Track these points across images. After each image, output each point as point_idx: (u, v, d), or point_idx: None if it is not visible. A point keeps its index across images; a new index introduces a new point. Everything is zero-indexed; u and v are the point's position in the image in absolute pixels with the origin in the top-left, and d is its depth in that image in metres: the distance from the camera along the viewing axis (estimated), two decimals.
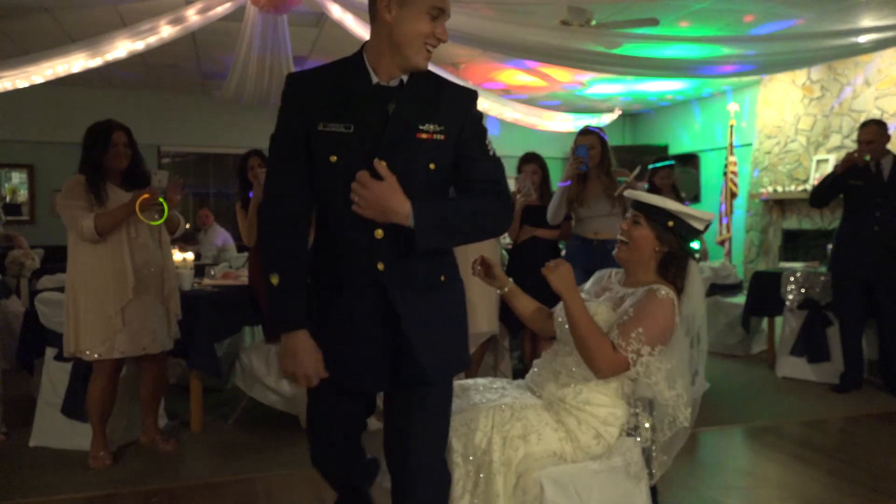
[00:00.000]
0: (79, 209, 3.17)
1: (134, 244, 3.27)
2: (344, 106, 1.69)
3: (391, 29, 1.66)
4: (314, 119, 1.69)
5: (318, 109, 1.69)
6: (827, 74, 6.97)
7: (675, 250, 2.11)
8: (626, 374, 2.02)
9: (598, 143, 4.03)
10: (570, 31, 5.07)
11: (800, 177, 7.22)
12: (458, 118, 1.77)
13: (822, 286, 4.97)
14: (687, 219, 2.10)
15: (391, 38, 1.67)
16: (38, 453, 3.53)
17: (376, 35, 1.71)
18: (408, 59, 1.68)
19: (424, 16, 1.66)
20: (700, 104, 9.06)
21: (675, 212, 2.10)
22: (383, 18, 1.67)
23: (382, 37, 1.69)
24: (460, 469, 1.92)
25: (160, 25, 4.59)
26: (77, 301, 3.23)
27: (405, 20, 1.66)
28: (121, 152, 3.29)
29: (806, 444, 3.73)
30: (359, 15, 4.75)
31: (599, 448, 2.04)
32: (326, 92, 1.71)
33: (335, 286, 1.76)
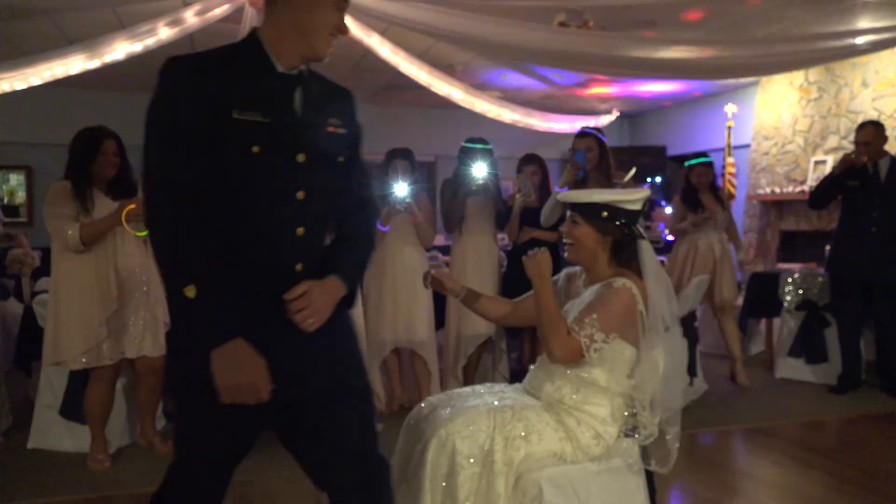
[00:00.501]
0: (64, 218, 3.13)
1: (119, 253, 3.25)
2: (255, 94, 1.60)
3: (297, 16, 1.62)
4: (226, 106, 1.55)
5: (227, 96, 1.56)
6: (824, 76, 6.98)
7: (620, 237, 2.13)
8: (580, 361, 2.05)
9: (596, 145, 4.03)
10: (567, 33, 5.07)
11: (797, 178, 7.23)
12: (351, 116, 1.79)
13: (820, 287, 4.98)
14: (618, 204, 2.12)
15: (297, 26, 1.63)
16: (36, 455, 3.53)
17: (277, 22, 1.64)
18: (314, 48, 1.66)
19: (332, 6, 1.65)
20: (697, 105, 9.07)
21: (604, 202, 2.12)
22: (288, 4, 1.62)
23: (286, 24, 1.63)
24: (465, 471, 1.93)
25: (158, 27, 4.59)
26: (59, 309, 3.19)
27: (314, 8, 1.63)
28: (109, 161, 3.26)
29: (804, 445, 3.74)
30: (357, 17, 4.76)
31: (599, 449, 2.05)
32: (233, 78, 1.59)
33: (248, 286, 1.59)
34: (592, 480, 1.98)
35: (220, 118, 1.54)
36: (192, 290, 1.47)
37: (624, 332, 2.04)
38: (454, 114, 8.28)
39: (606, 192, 2.17)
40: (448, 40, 5.14)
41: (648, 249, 2.16)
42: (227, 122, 1.55)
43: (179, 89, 1.57)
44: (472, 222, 4.26)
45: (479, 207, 4.25)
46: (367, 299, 4.05)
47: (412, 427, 2.16)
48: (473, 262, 4.26)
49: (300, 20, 1.62)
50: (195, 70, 1.60)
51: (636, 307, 2.05)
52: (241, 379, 1.49)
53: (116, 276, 3.22)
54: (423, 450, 1.96)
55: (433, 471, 1.93)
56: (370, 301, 4.08)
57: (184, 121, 1.54)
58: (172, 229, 1.52)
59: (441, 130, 9.15)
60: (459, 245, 4.33)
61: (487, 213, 4.27)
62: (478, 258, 4.27)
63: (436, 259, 5.85)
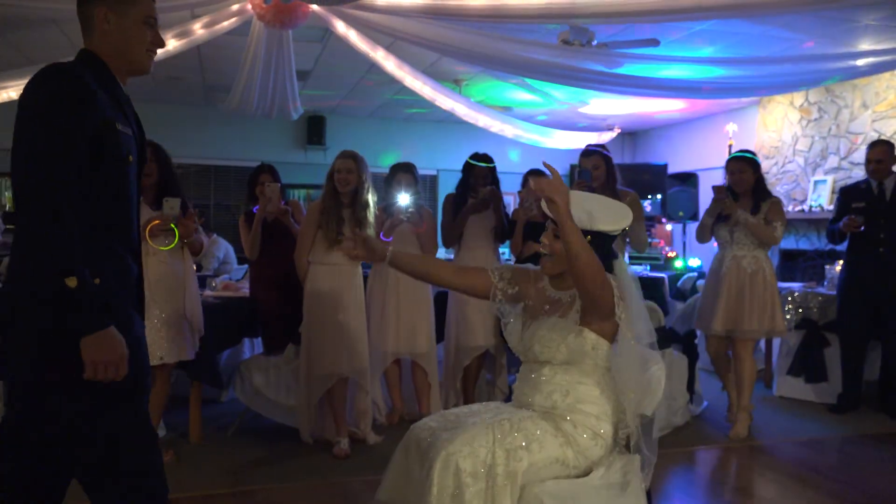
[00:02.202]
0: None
1: (149, 260, 3.29)
2: (121, 109, 1.82)
3: (114, 39, 1.83)
4: (109, 118, 1.75)
5: (109, 109, 1.76)
6: (825, 96, 7.04)
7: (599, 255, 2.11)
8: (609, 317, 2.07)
9: (603, 162, 4.06)
10: (571, 50, 5.12)
11: (798, 197, 7.27)
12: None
13: (820, 306, 5.00)
14: (604, 232, 2.13)
15: (115, 49, 1.83)
16: None
17: (101, 44, 1.83)
18: (136, 64, 1.88)
19: (142, 25, 1.85)
20: (699, 124, 9.13)
21: (591, 229, 2.11)
22: (103, 29, 1.82)
23: (108, 46, 1.83)
24: (471, 489, 1.93)
25: (166, 39, 4.62)
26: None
27: (126, 30, 1.83)
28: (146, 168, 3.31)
29: (803, 463, 3.74)
30: (363, 31, 4.81)
31: (599, 449, 2.07)
32: (106, 93, 1.79)
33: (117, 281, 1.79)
34: (593, 495, 1.99)
35: (104, 129, 1.74)
36: (73, 280, 1.61)
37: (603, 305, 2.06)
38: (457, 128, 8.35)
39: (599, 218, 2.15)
40: (452, 55, 5.19)
41: (623, 267, 2.22)
42: (111, 132, 1.75)
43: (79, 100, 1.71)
44: (469, 237, 4.28)
45: (479, 222, 4.27)
46: (370, 310, 4.06)
47: (412, 449, 2.17)
48: None
49: (118, 42, 1.84)
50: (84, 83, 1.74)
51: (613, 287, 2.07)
52: (115, 355, 1.67)
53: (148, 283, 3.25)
54: (428, 473, 1.96)
55: (440, 493, 1.93)
56: (373, 311, 4.09)
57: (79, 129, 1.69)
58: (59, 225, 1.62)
59: (444, 145, 9.21)
60: (459, 259, 4.35)
61: (486, 228, 4.29)
62: None
63: None
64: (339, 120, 9.12)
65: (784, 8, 3.79)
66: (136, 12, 1.84)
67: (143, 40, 1.86)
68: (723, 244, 4.26)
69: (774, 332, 4.20)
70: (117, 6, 1.82)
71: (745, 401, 4.17)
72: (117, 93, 1.84)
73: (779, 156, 7.61)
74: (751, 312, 4.07)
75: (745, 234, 4.13)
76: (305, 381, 3.74)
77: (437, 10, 4.01)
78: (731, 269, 4.15)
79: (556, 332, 2.12)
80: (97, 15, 1.82)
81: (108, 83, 1.82)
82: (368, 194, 3.77)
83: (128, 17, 1.83)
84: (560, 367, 2.13)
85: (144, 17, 1.86)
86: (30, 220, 1.63)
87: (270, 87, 5.39)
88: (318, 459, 3.63)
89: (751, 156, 4.24)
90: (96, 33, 1.83)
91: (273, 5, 4.14)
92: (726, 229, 4.18)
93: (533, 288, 2.31)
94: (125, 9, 1.83)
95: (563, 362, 2.13)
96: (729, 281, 4.14)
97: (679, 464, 3.73)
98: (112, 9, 1.82)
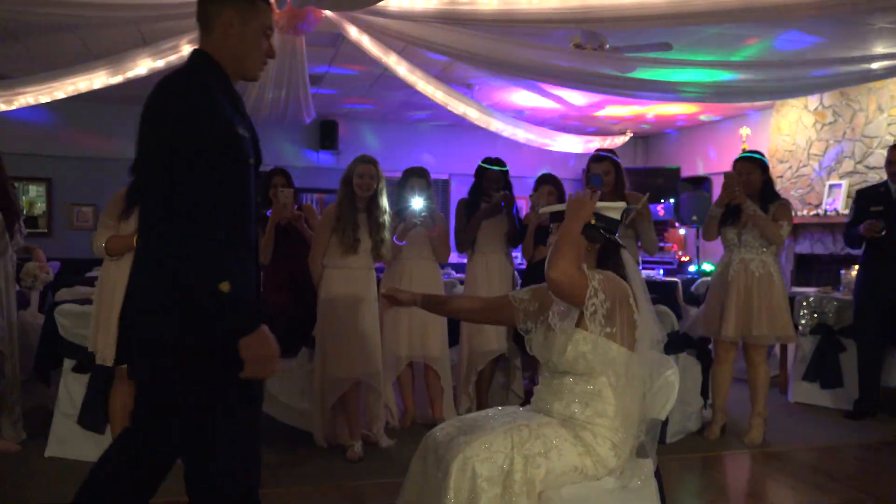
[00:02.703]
0: (103, 227, 3.30)
1: None
2: (238, 112, 1.86)
3: (234, 43, 1.86)
4: (233, 124, 1.79)
5: (231, 114, 1.81)
6: (839, 100, 6.99)
7: (606, 244, 2.21)
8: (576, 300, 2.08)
9: (613, 168, 4.05)
10: (583, 54, 5.12)
11: (812, 201, 7.22)
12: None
13: (836, 311, 4.96)
14: (603, 212, 2.20)
15: (233, 54, 1.88)
16: (53, 463, 3.55)
17: (220, 47, 1.87)
18: (250, 71, 1.93)
19: (262, 35, 1.90)
20: (712, 128, 9.10)
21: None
22: (226, 32, 1.86)
23: (227, 50, 1.87)
24: (486, 494, 1.93)
25: (181, 44, 4.67)
26: (96, 310, 3.34)
27: (247, 37, 1.88)
28: None
29: (819, 470, 3.71)
30: (375, 36, 4.83)
31: (616, 460, 2.06)
32: (225, 98, 1.83)
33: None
34: (608, 499, 1.99)
35: (229, 135, 1.77)
36: (226, 285, 1.68)
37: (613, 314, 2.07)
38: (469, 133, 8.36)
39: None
40: (464, 60, 5.20)
41: (630, 260, 2.24)
42: (235, 138, 1.78)
43: (216, 110, 1.77)
44: (482, 241, 4.29)
45: (491, 226, 4.28)
46: (384, 314, 4.07)
47: (429, 455, 2.17)
48: (485, 281, 4.29)
49: (236, 48, 1.88)
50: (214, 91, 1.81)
51: (629, 298, 2.10)
52: (272, 351, 1.76)
53: None
54: (445, 476, 1.96)
55: (455, 496, 1.93)
56: (386, 315, 4.10)
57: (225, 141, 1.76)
58: (221, 240, 1.71)
59: (456, 149, 9.21)
60: (472, 264, 4.36)
61: (499, 232, 4.29)
62: (489, 277, 4.29)
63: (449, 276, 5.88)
64: (351, 124, 9.16)
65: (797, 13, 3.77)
66: (258, 22, 1.89)
67: (260, 49, 1.91)
68: (730, 247, 4.16)
69: (783, 337, 4.14)
70: (244, 13, 1.86)
71: (760, 407, 4.12)
72: (233, 96, 1.88)
73: (793, 160, 7.57)
74: (759, 318, 3.99)
75: (753, 235, 4.04)
76: (320, 385, 3.75)
77: (449, 14, 4.02)
78: (739, 272, 4.06)
79: (574, 343, 2.12)
80: (223, 17, 1.85)
81: (226, 87, 1.87)
82: (384, 199, 3.79)
83: (250, 25, 1.87)
84: (581, 378, 2.13)
85: (265, 27, 1.91)
86: (177, 231, 1.69)
87: (283, 92, 5.43)
88: (331, 463, 3.63)
89: (758, 156, 4.18)
90: (216, 35, 1.87)
91: (286, 11, 4.17)
92: (734, 231, 4.11)
93: (552, 299, 2.32)
94: (250, 17, 1.87)
95: (583, 373, 2.12)
96: (737, 285, 4.05)
97: (693, 469, 3.71)
98: (239, 14, 1.86)
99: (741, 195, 3.98)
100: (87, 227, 8.29)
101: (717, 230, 4.18)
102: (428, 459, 2.17)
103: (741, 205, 3.98)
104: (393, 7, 3.99)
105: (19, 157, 7.99)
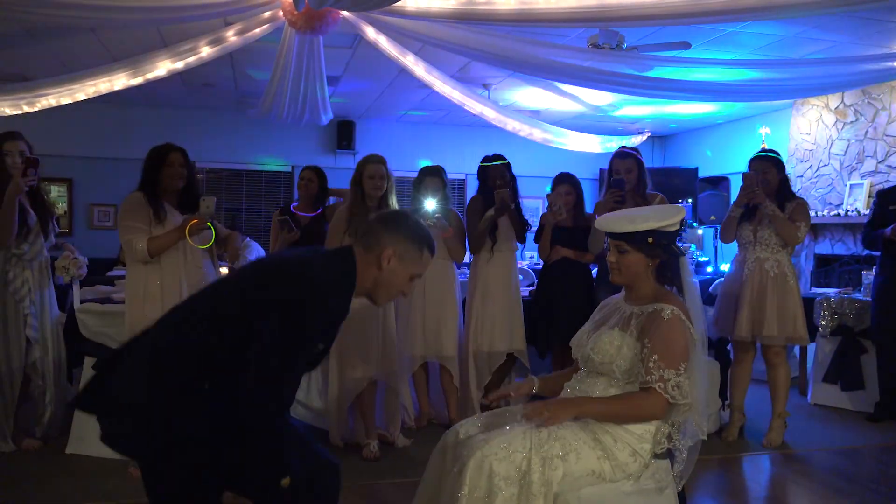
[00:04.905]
0: (135, 231, 3.28)
1: (188, 265, 3.37)
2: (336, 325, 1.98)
3: (381, 274, 2.00)
4: (318, 339, 1.92)
5: (327, 329, 1.94)
6: (861, 98, 6.91)
7: (666, 258, 2.18)
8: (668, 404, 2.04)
9: (636, 165, 4.03)
10: (600, 53, 5.10)
11: (833, 201, 7.14)
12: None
13: (857, 312, 4.90)
14: (662, 229, 2.15)
15: (377, 280, 2.01)
16: (74, 460, 3.60)
17: (366, 269, 2.00)
18: (380, 298, 2.07)
19: (409, 276, 2.04)
20: (731, 127, 9.02)
21: (648, 230, 2.14)
22: (382, 265, 1.99)
23: (370, 274, 2.00)
24: (503, 493, 1.93)
25: (200, 46, 4.71)
26: (128, 314, 3.37)
27: (396, 273, 2.00)
28: (176, 172, 3.38)
29: (839, 473, 3.66)
30: (392, 37, 4.84)
31: (636, 466, 2.04)
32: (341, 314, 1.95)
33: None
34: (626, 501, 1.98)
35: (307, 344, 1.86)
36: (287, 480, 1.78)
37: (688, 359, 2.06)
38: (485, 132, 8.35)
39: (644, 217, 2.19)
40: (482, 60, 5.20)
41: (686, 266, 2.21)
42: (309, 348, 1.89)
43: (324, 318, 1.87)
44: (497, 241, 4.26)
45: (501, 225, 4.24)
46: (397, 313, 4.07)
47: (447, 452, 2.17)
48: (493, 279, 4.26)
49: (381, 277, 2.01)
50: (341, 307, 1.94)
51: (690, 336, 2.08)
52: None
53: (185, 286, 3.33)
54: (461, 471, 1.96)
55: (470, 493, 1.93)
56: (400, 315, 4.10)
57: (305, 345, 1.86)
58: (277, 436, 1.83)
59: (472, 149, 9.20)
60: (483, 262, 4.30)
61: (509, 230, 4.27)
62: (497, 276, 4.26)
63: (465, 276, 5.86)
64: (369, 124, 9.18)
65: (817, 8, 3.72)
66: (410, 267, 2.04)
67: (401, 287, 2.06)
68: (745, 245, 4.10)
69: (795, 339, 4.05)
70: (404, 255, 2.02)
71: (781, 408, 4.07)
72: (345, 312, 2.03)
73: (813, 159, 7.49)
74: (771, 318, 3.94)
75: (769, 233, 3.99)
76: (337, 385, 3.76)
77: (466, 14, 4.02)
78: (754, 271, 4.00)
79: (616, 346, 2.11)
80: (384, 254, 1.99)
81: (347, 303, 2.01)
82: (393, 198, 3.80)
83: (404, 266, 2.02)
84: (616, 382, 2.12)
85: (413, 274, 2.06)
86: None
87: (301, 93, 5.45)
88: (347, 462, 3.63)
89: (774, 155, 4.12)
90: (372, 264, 2.00)
91: (304, 12, 4.18)
92: (750, 229, 4.05)
93: (606, 311, 2.33)
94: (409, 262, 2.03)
95: (621, 377, 2.11)
96: (752, 284, 4.00)
97: (712, 471, 3.68)
98: (397, 255, 2.00)
99: (760, 194, 3.93)
100: (107, 226, 8.39)
101: (736, 231, 4.14)
102: (446, 456, 2.17)
103: (760, 204, 3.94)
104: (410, 7, 4.00)
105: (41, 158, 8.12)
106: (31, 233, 3.67)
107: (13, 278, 3.64)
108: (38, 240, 3.73)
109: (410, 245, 2.01)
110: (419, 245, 2.03)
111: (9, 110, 5.12)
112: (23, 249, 3.65)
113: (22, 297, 3.66)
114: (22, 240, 3.63)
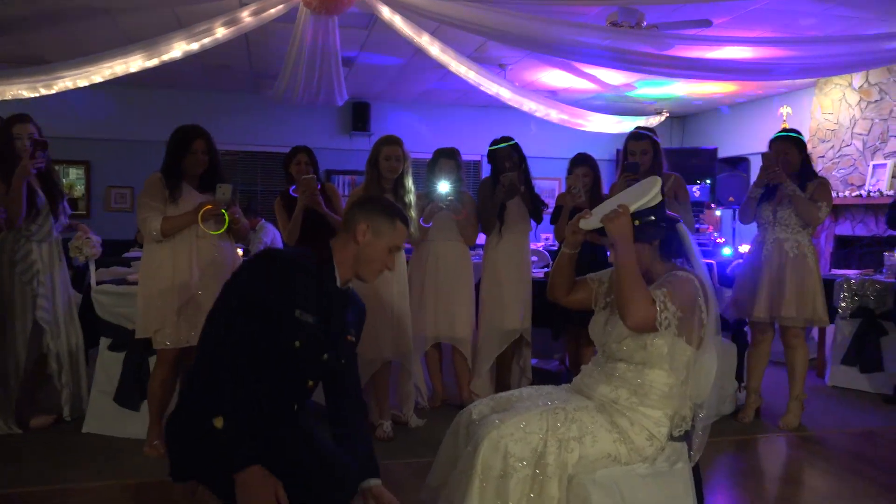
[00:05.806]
0: (150, 209, 3.31)
1: (201, 243, 3.38)
2: (319, 299, 2.01)
3: (360, 248, 2.08)
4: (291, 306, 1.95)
5: (298, 299, 1.97)
6: (886, 77, 6.76)
7: (663, 235, 2.16)
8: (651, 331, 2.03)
9: (651, 147, 3.98)
10: (619, 32, 5.02)
11: (855, 182, 7.03)
12: (361, 328, 2.25)
13: (877, 294, 4.84)
14: (641, 208, 2.10)
15: (357, 256, 2.09)
16: (90, 440, 3.65)
17: (344, 247, 2.10)
18: (366, 274, 2.11)
19: (387, 249, 2.11)
20: (751, 107, 8.89)
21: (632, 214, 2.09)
22: (358, 239, 2.07)
23: (350, 251, 2.09)
24: (518, 473, 1.93)
25: (215, 27, 4.69)
26: (141, 291, 3.40)
27: (372, 246, 2.08)
28: (198, 159, 3.39)
29: (857, 455, 3.64)
30: (408, 16, 4.80)
31: (652, 449, 2.04)
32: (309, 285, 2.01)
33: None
34: (640, 484, 1.97)
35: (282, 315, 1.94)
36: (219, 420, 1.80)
37: (686, 321, 2.03)
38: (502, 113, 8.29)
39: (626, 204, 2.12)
40: (498, 39, 5.14)
41: (684, 231, 2.20)
42: (288, 319, 1.95)
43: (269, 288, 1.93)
44: (506, 221, 4.23)
45: (512, 206, 4.22)
46: (410, 294, 4.06)
47: (460, 432, 2.18)
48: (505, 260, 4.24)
49: (360, 253, 2.08)
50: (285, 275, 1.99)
51: (698, 299, 2.06)
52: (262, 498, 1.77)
53: (195, 266, 3.35)
54: (475, 451, 1.96)
55: (484, 472, 1.93)
56: (412, 296, 4.09)
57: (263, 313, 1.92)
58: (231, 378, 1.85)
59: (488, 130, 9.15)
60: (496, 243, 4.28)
61: (521, 211, 4.24)
62: (508, 257, 4.24)
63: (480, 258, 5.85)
64: (384, 106, 9.15)
65: None
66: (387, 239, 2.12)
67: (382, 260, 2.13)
68: (764, 225, 4.04)
69: (814, 320, 3.97)
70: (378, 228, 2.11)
71: (798, 390, 4.03)
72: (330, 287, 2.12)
73: (835, 139, 7.36)
74: (790, 299, 3.87)
75: (789, 213, 3.92)
76: None
77: None
78: (773, 252, 3.95)
79: (636, 335, 2.08)
80: (357, 228, 2.08)
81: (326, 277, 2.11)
82: (409, 179, 3.78)
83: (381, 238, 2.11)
84: (635, 367, 2.10)
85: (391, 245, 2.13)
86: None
87: (316, 74, 5.43)
88: None
89: (795, 135, 4.05)
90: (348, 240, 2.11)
91: None
92: (769, 209, 3.98)
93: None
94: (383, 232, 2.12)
95: (639, 363, 2.10)
96: (770, 265, 3.94)
97: (728, 453, 3.67)
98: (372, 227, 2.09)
99: (781, 174, 3.86)
100: (124, 208, 8.46)
101: (755, 212, 4.08)
102: (459, 436, 2.18)
103: (781, 184, 3.88)
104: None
105: (59, 141, 8.17)
106: (40, 214, 3.68)
107: (21, 258, 3.65)
108: (48, 221, 3.74)
109: (383, 217, 2.11)
110: (390, 216, 2.13)
111: (26, 93, 5.14)
112: (31, 230, 3.67)
113: (30, 277, 3.67)
114: (31, 221, 3.65)
